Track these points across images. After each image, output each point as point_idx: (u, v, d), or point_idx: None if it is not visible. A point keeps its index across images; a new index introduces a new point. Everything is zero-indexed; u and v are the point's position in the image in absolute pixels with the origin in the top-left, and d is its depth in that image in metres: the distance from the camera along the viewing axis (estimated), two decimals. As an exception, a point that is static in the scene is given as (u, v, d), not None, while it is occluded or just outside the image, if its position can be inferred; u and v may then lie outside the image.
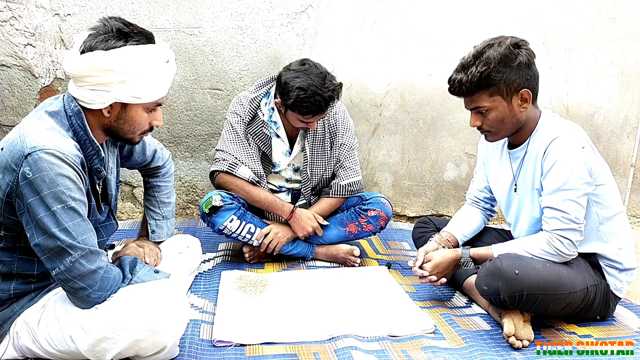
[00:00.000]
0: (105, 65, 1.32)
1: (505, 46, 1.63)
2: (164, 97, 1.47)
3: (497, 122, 1.70)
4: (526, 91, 1.66)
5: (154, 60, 1.39)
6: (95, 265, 1.33)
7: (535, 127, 1.75)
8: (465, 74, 1.65)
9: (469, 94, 1.68)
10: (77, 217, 1.31)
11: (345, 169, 2.30)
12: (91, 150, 1.43)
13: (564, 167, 1.63)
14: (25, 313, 1.42)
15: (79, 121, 1.40)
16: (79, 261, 1.30)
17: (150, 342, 1.33)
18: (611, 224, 1.73)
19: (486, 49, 1.64)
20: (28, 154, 1.27)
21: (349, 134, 2.32)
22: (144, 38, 1.38)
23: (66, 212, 1.29)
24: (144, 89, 1.38)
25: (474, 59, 1.64)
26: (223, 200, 2.15)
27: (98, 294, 1.35)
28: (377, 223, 2.27)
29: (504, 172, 1.88)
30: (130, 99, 1.38)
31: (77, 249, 1.30)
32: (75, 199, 1.31)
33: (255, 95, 2.25)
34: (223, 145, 2.22)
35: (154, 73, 1.40)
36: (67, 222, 1.29)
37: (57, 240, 1.28)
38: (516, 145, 1.80)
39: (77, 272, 1.31)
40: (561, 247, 1.65)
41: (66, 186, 1.29)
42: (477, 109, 1.70)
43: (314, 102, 2.03)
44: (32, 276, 1.43)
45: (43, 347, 1.39)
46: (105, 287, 1.36)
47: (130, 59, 1.34)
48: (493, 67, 1.61)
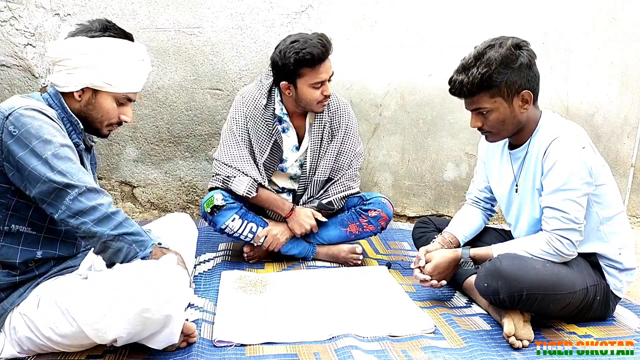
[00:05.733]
0: (83, 49, 1.46)
1: (507, 47, 1.62)
2: (135, 94, 1.57)
3: (498, 123, 1.70)
4: (527, 92, 1.66)
5: (128, 54, 1.52)
6: (96, 202, 1.36)
7: (536, 127, 1.74)
8: (466, 75, 1.64)
9: (469, 95, 1.68)
10: (69, 160, 1.37)
11: (346, 178, 2.28)
12: (69, 126, 1.51)
13: (564, 167, 1.63)
14: (20, 306, 1.42)
15: (56, 100, 1.50)
16: (78, 198, 1.34)
17: (157, 311, 1.32)
18: (611, 224, 1.73)
19: (487, 50, 1.63)
20: (9, 114, 1.35)
21: (353, 138, 2.30)
22: (123, 35, 1.54)
23: (57, 157, 1.35)
24: (114, 77, 1.49)
25: (475, 60, 1.64)
26: (225, 199, 2.15)
27: (100, 229, 1.36)
28: (378, 223, 2.27)
29: (505, 173, 1.88)
30: (101, 84, 1.48)
31: (74, 187, 1.34)
32: (63, 144, 1.38)
33: (261, 86, 2.23)
34: (220, 155, 2.20)
35: (127, 65, 1.51)
36: (60, 165, 1.35)
37: (54, 183, 1.33)
38: (517, 145, 1.80)
39: (77, 209, 1.34)
40: (561, 247, 1.65)
41: (52, 134, 1.37)
42: (477, 110, 1.70)
43: (313, 44, 2.03)
44: (14, 266, 1.43)
45: (44, 334, 1.38)
46: (108, 223, 1.37)
47: (106, 47, 1.48)
48: (494, 68, 1.61)
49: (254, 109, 2.21)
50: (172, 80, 2.75)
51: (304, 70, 2.06)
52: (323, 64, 2.07)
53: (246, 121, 2.20)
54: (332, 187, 2.28)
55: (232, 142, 2.19)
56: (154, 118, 2.79)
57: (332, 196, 2.26)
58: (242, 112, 2.21)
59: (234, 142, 2.19)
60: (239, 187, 2.15)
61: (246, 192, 2.15)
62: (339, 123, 2.28)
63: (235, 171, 2.16)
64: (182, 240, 1.92)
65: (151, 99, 2.76)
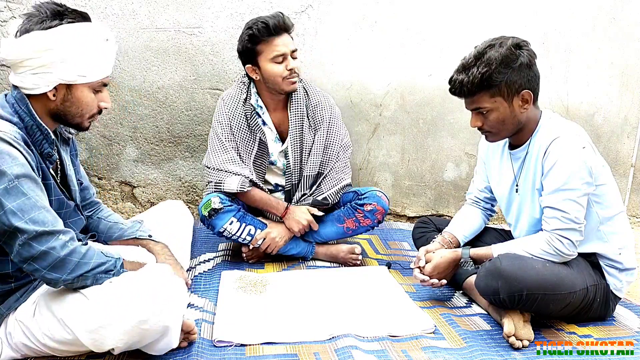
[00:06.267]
0: (44, 45, 1.31)
1: (507, 47, 1.63)
2: (108, 77, 1.46)
3: (498, 122, 1.70)
4: (527, 92, 1.66)
5: (92, 37, 1.38)
6: (47, 246, 1.26)
7: (536, 127, 1.75)
8: (466, 75, 1.64)
9: (470, 94, 1.68)
10: (22, 195, 1.25)
11: (336, 171, 2.28)
12: (39, 135, 1.40)
13: (565, 167, 1.63)
14: (16, 312, 1.40)
15: (23, 107, 1.37)
16: (28, 243, 1.25)
17: (154, 322, 1.30)
18: (611, 224, 1.73)
19: (487, 50, 1.63)
20: None
21: (337, 129, 2.29)
22: (79, 17, 1.39)
23: (9, 192, 1.24)
24: (87, 66, 1.38)
25: (475, 60, 1.64)
26: (222, 202, 2.14)
27: (55, 276, 1.28)
28: (374, 217, 2.26)
29: (505, 173, 1.88)
30: (76, 78, 1.37)
31: (23, 232, 1.24)
32: (18, 175, 1.26)
33: (240, 85, 2.24)
34: (209, 161, 2.21)
35: (95, 50, 1.39)
36: (10, 202, 1.24)
37: (3, 225, 1.24)
38: (517, 145, 1.80)
39: (27, 255, 1.25)
40: (561, 247, 1.65)
41: (7, 165, 1.25)
42: (477, 109, 1.70)
43: (266, 17, 2.07)
44: (9, 276, 1.41)
45: (40, 341, 1.37)
46: (62, 268, 1.28)
47: (69, 37, 1.34)
48: (494, 68, 1.61)
49: (234, 108, 2.22)
50: (172, 80, 2.75)
51: (260, 47, 2.08)
52: (279, 37, 2.08)
53: (229, 121, 2.21)
54: (324, 182, 2.27)
55: (218, 146, 2.20)
56: (154, 118, 2.79)
57: (326, 192, 2.25)
58: (224, 114, 2.22)
59: (220, 146, 2.20)
60: (231, 185, 2.15)
61: (239, 188, 2.15)
62: (322, 116, 2.27)
63: (225, 173, 2.16)
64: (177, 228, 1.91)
65: (151, 99, 2.75)
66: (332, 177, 2.27)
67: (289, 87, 2.15)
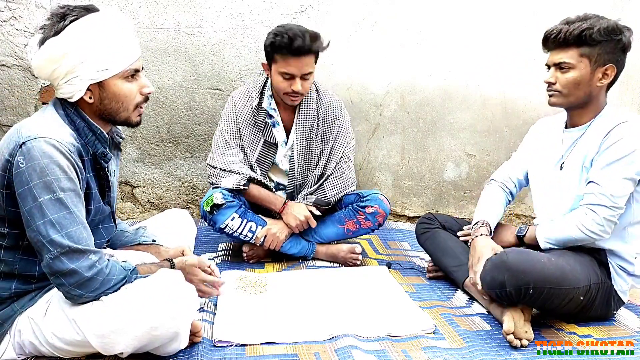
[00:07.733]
0: (59, 51, 1.30)
1: (613, 22, 1.66)
2: (138, 62, 1.40)
3: (573, 84, 1.70)
4: (612, 67, 1.68)
5: (102, 27, 1.33)
6: (76, 264, 1.28)
7: (600, 112, 1.74)
8: (568, 26, 1.67)
9: (562, 44, 1.69)
10: (64, 209, 1.27)
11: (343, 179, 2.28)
12: (92, 136, 1.41)
13: (626, 145, 1.63)
14: (29, 310, 1.41)
15: (73, 110, 1.39)
16: (59, 257, 1.27)
17: (166, 328, 1.32)
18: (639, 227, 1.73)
19: (594, 16, 1.67)
20: (22, 143, 1.27)
21: (345, 136, 2.30)
22: (83, 10, 1.34)
23: (53, 203, 1.26)
24: (105, 59, 1.34)
25: (582, 18, 1.68)
26: (224, 197, 2.15)
27: (78, 292, 1.31)
28: (375, 220, 2.26)
29: (551, 150, 1.86)
30: (99, 74, 1.34)
31: (57, 245, 1.26)
32: (65, 189, 1.28)
33: (252, 84, 2.25)
34: (212, 160, 2.22)
35: (110, 39, 1.34)
36: (52, 214, 1.26)
37: (39, 234, 1.26)
38: (575, 125, 1.79)
39: (56, 269, 1.28)
40: (586, 222, 1.65)
41: (56, 176, 1.27)
42: (560, 64, 1.70)
43: (296, 33, 2.01)
44: (32, 277, 1.42)
45: (48, 340, 1.37)
46: (87, 286, 1.31)
47: (77, 35, 1.31)
48: (597, 29, 1.63)
49: (243, 107, 2.23)
50: (172, 80, 2.75)
51: (276, 57, 2.08)
52: (297, 58, 2.04)
53: (236, 120, 2.22)
54: (329, 186, 2.27)
55: (222, 145, 2.21)
56: (154, 118, 2.79)
57: (330, 197, 2.26)
58: (232, 112, 2.23)
59: (224, 145, 2.21)
60: (227, 183, 2.16)
61: (235, 185, 2.16)
62: (333, 122, 2.28)
63: (225, 172, 2.18)
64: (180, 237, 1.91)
65: (151, 98, 2.72)
66: (337, 183, 2.28)
67: (287, 102, 2.17)
